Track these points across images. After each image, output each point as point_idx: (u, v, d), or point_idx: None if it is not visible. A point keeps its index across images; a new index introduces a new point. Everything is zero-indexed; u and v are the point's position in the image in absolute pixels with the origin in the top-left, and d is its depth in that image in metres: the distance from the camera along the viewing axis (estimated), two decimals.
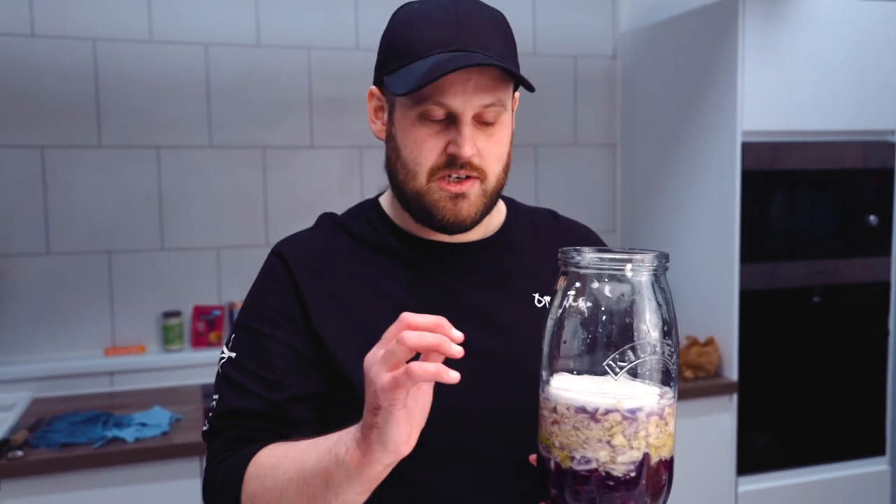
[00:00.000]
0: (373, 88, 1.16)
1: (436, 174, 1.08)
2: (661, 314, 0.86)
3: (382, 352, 0.84)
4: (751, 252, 2.82)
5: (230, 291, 2.96)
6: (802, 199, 2.95)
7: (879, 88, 2.92)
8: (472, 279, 1.17)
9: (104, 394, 2.72)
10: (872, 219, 2.97)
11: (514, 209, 1.28)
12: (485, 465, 1.09)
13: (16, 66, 2.71)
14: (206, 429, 1.12)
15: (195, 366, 2.83)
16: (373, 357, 0.86)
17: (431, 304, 1.14)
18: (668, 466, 0.88)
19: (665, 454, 0.86)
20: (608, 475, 0.84)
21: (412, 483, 1.08)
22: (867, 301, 3.02)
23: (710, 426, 2.84)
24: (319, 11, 3.02)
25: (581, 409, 0.84)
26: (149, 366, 2.81)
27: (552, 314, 0.89)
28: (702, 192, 2.95)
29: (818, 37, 2.81)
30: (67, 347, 2.80)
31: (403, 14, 1.11)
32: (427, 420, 1.08)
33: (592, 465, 0.84)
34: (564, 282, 0.89)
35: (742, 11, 2.72)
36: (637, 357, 0.84)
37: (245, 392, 1.09)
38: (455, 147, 1.06)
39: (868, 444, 3.05)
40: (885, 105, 2.94)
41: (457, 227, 1.12)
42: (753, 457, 2.90)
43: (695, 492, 2.80)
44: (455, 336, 0.85)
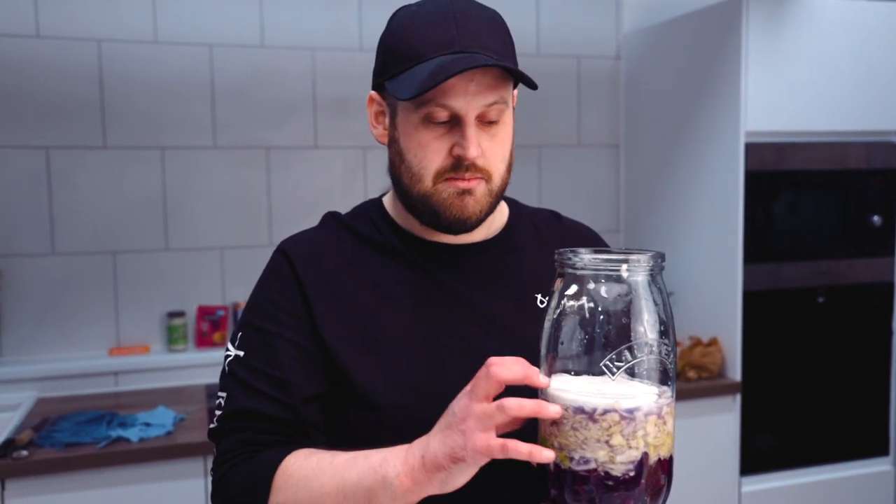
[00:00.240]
0: (372, 93, 1.16)
1: (441, 177, 1.08)
2: (658, 314, 0.86)
3: (480, 411, 0.87)
4: (754, 252, 2.82)
5: (234, 292, 2.97)
6: (806, 200, 2.95)
7: (883, 89, 2.92)
8: (475, 280, 1.17)
9: (108, 394, 2.73)
10: (876, 219, 2.97)
11: (517, 210, 1.28)
12: (485, 465, 1.09)
13: (21, 67, 2.72)
14: (215, 427, 1.11)
15: (199, 366, 2.83)
16: (467, 409, 0.88)
17: (434, 305, 1.15)
18: (668, 466, 0.88)
19: (664, 453, 0.86)
20: (607, 475, 0.84)
21: None
22: (871, 301, 3.02)
23: (714, 426, 2.84)
24: (323, 12, 3.03)
25: (579, 410, 0.84)
26: (153, 366, 2.82)
27: (549, 315, 0.90)
28: (705, 193, 2.95)
29: (822, 37, 2.81)
30: (72, 347, 2.81)
31: (401, 17, 1.11)
32: (428, 419, 1.08)
33: (591, 465, 0.84)
34: (561, 283, 0.90)
35: (745, 12, 2.72)
36: (634, 357, 0.84)
37: (253, 391, 1.08)
38: (460, 149, 1.06)
39: (871, 445, 3.04)
40: (889, 106, 2.94)
41: (462, 225, 1.11)
42: (757, 457, 2.89)
43: (698, 492, 2.80)
44: (541, 383, 0.88)
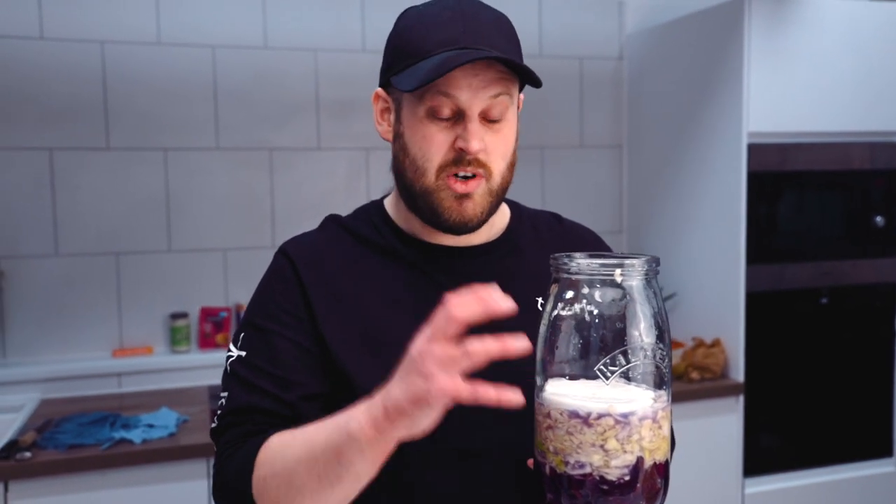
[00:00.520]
0: (378, 90, 1.17)
1: (444, 171, 1.09)
2: (653, 318, 0.86)
3: (442, 353, 0.83)
4: (757, 253, 2.82)
5: (237, 293, 2.97)
6: (809, 201, 2.95)
7: (886, 89, 2.91)
8: (476, 282, 1.17)
9: (112, 395, 2.73)
10: (879, 220, 2.96)
11: (518, 212, 1.28)
12: (483, 469, 1.09)
13: (24, 69, 2.73)
14: (215, 426, 1.12)
15: (202, 367, 2.84)
16: (427, 351, 0.84)
17: (434, 307, 1.14)
18: (664, 469, 0.88)
19: (659, 457, 0.87)
20: (602, 479, 0.84)
21: (411, 485, 1.08)
22: (874, 302, 3.01)
23: (717, 427, 2.83)
24: (326, 14, 3.03)
25: (574, 414, 0.84)
26: (156, 367, 2.82)
27: (545, 320, 0.90)
28: (708, 194, 2.94)
29: (824, 38, 2.80)
30: (75, 349, 2.81)
31: (409, 17, 1.12)
32: None
33: (586, 470, 0.84)
34: (557, 287, 0.90)
35: (748, 13, 2.71)
36: (629, 361, 0.84)
37: (255, 389, 1.09)
38: (462, 142, 1.07)
39: (875, 446, 3.04)
40: (892, 106, 2.93)
41: (463, 227, 1.12)
42: (760, 458, 2.89)
43: (701, 493, 2.80)
44: (504, 308, 0.84)
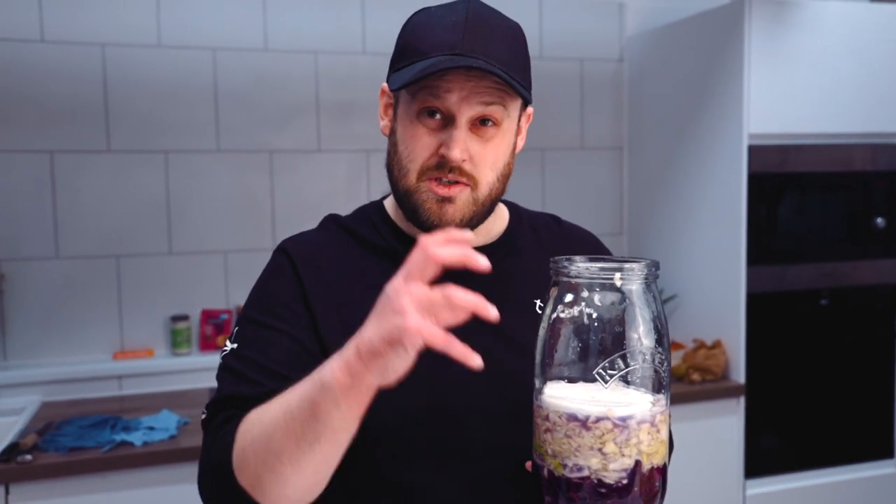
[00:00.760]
0: (384, 85, 1.18)
1: (425, 174, 1.09)
2: (652, 322, 0.86)
3: (420, 293, 0.82)
4: (758, 254, 2.82)
5: (238, 295, 2.97)
6: (810, 202, 2.95)
7: (886, 91, 2.91)
8: (475, 284, 1.17)
9: (113, 397, 2.73)
10: (880, 221, 2.96)
11: (517, 214, 1.28)
12: (481, 470, 1.09)
13: (25, 71, 2.73)
14: (205, 416, 1.11)
15: (203, 369, 2.83)
16: (403, 289, 0.83)
17: None
18: (662, 473, 0.88)
19: (657, 461, 0.87)
20: (600, 482, 0.84)
21: (407, 486, 1.08)
22: (875, 303, 3.01)
23: (718, 429, 2.83)
24: (327, 16, 3.03)
25: (572, 417, 0.84)
26: (157, 369, 2.82)
27: (544, 322, 0.90)
28: (709, 195, 2.94)
29: (824, 39, 2.80)
30: (76, 351, 2.81)
31: (418, 17, 1.14)
32: (424, 422, 1.08)
33: (584, 473, 0.84)
34: (556, 291, 0.90)
35: (748, 14, 2.71)
36: (628, 365, 0.84)
37: (244, 379, 1.07)
38: (445, 149, 1.07)
39: (876, 447, 3.03)
40: (893, 107, 2.92)
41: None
42: (761, 459, 2.89)
43: (702, 495, 2.80)
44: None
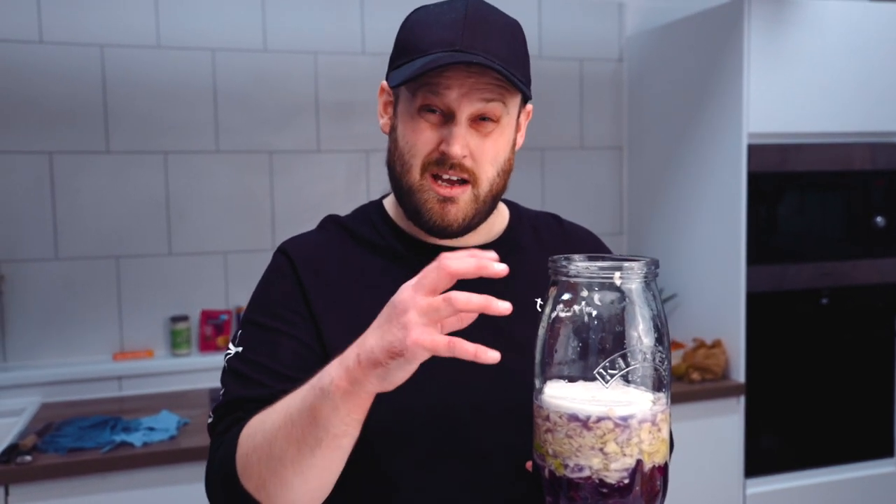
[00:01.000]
0: (383, 83, 1.18)
1: (427, 169, 1.09)
2: (652, 321, 0.86)
3: (425, 303, 0.82)
4: (758, 254, 2.82)
5: (238, 296, 2.97)
6: (809, 201, 2.95)
7: (886, 90, 2.91)
8: (474, 283, 1.17)
9: (112, 398, 2.73)
10: (880, 220, 2.96)
11: (517, 213, 1.28)
12: (480, 470, 1.09)
13: (24, 73, 2.73)
14: (211, 420, 1.12)
15: (203, 370, 2.84)
16: (410, 301, 0.84)
17: None
18: (663, 472, 0.88)
19: (659, 460, 0.86)
20: (602, 482, 0.84)
21: (407, 486, 1.08)
22: (875, 303, 3.01)
23: (718, 428, 2.83)
24: (326, 16, 3.03)
25: (573, 417, 0.84)
26: (157, 370, 2.82)
27: (543, 322, 0.89)
28: (708, 195, 2.94)
29: (824, 38, 2.80)
30: (76, 352, 2.81)
31: (417, 15, 1.13)
32: (424, 422, 1.08)
33: (586, 473, 0.84)
34: (555, 290, 0.90)
35: (748, 14, 2.71)
36: (628, 364, 0.84)
37: (250, 382, 1.08)
38: (446, 145, 1.07)
39: (876, 446, 3.03)
40: (892, 106, 2.92)
41: (444, 231, 1.12)
42: (761, 459, 2.89)
43: (702, 494, 2.80)
44: (497, 270, 0.84)
